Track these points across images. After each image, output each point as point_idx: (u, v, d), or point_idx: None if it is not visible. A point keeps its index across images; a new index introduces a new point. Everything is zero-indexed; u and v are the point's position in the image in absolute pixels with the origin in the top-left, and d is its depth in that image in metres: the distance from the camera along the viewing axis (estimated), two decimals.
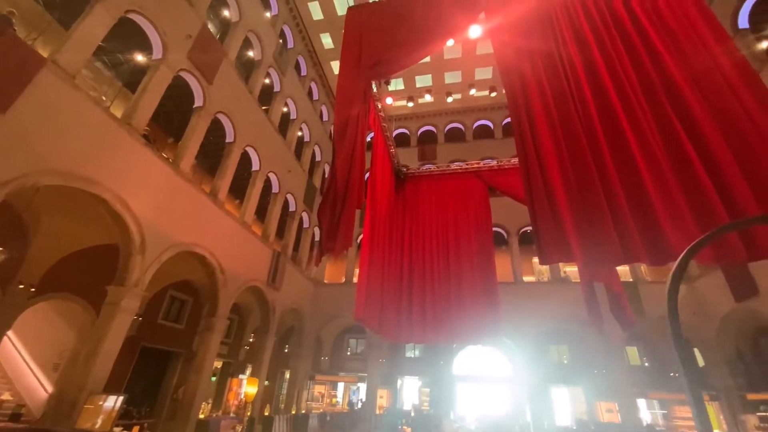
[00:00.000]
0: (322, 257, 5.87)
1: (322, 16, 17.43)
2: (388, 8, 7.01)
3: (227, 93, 11.59)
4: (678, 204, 4.30)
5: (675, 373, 15.87)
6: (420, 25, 7.19)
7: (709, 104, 4.96)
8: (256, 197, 13.48)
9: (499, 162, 12.31)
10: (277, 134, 14.86)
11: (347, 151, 6.23)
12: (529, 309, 15.36)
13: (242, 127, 12.33)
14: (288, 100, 16.16)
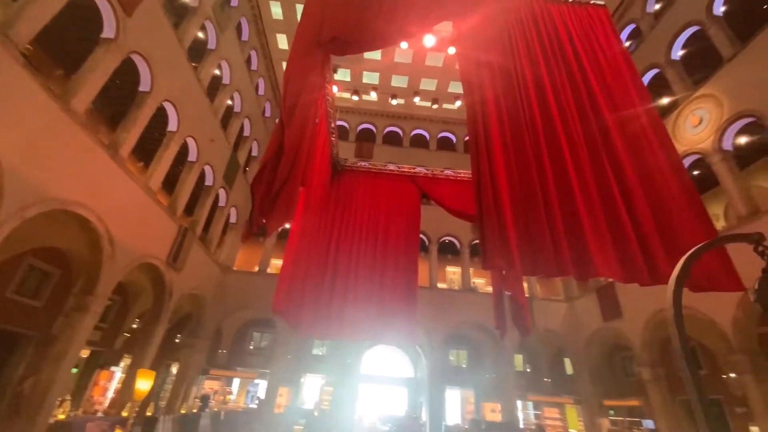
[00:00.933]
0: (252, 233, 5.17)
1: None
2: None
3: (149, 33, 9.77)
4: (603, 233, 4.81)
5: (547, 379, 18.26)
6: (388, 12, 6.95)
7: (632, 152, 5.69)
8: (168, 162, 11.64)
9: (433, 171, 12.70)
10: (205, 97, 13.10)
11: (298, 124, 5.63)
12: (439, 314, 16.13)
13: (163, 77, 10.52)
14: (223, 62, 14.41)
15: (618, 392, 15.93)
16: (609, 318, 14.12)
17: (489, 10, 7.29)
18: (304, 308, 8.80)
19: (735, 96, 10.60)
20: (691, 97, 11.93)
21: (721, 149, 10.87)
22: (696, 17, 12.22)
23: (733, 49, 10.77)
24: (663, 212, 5.08)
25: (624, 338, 13.83)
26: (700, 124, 11.39)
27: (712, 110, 11.20)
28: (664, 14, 13.69)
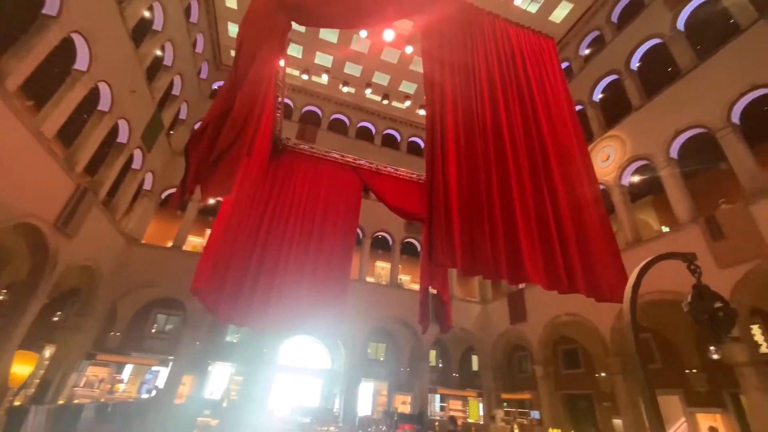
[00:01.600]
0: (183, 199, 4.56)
1: None
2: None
3: None
4: (535, 246, 5.24)
5: (456, 374, 19.67)
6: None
7: (564, 178, 6.30)
8: (69, 107, 9.74)
9: (378, 165, 12.70)
10: (129, 39, 11.23)
11: (251, 87, 5.10)
12: (365, 308, 16.26)
13: (75, 2, 8.75)
14: (156, 4, 12.52)
15: (513, 387, 17.85)
16: (515, 321, 15.69)
17: (455, 19, 7.44)
18: (225, 292, 8.11)
19: (636, 140, 12.51)
20: (604, 135, 13.76)
21: (620, 184, 12.74)
22: (616, 67, 14.12)
23: (641, 100, 12.68)
24: (583, 235, 5.73)
25: (524, 339, 15.50)
26: (608, 160, 13.21)
27: (618, 150, 13.06)
28: (592, 59, 15.56)
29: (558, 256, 5.20)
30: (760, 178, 8.95)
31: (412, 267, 21.41)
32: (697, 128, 10.71)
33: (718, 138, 10.00)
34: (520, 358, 19.26)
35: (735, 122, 9.80)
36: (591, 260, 5.60)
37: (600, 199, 6.51)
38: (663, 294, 10.21)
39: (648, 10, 13.24)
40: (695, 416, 11.78)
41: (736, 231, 8.79)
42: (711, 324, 2.40)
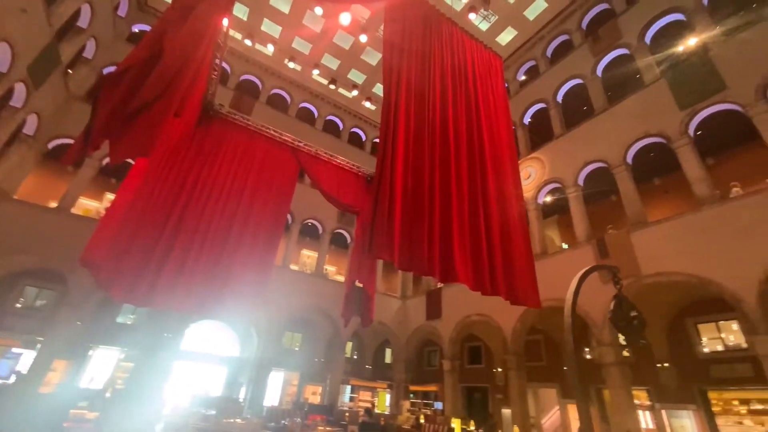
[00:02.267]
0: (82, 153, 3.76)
1: None
2: None
3: None
4: (466, 250, 5.52)
5: (369, 366, 20.11)
6: None
7: (497, 191, 6.76)
8: None
9: (318, 150, 12.27)
10: None
11: (191, 34, 4.42)
12: (286, 295, 15.65)
13: None
14: None
15: (421, 379, 18.89)
16: (431, 317, 16.57)
17: (418, 15, 7.45)
18: (126, 267, 7.05)
19: (553, 165, 14.07)
20: (528, 156, 15.20)
21: (536, 202, 14.23)
22: (545, 97, 15.69)
23: (562, 130, 14.29)
24: (508, 244, 6.21)
25: (437, 335, 16.48)
26: (529, 179, 14.64)
27: (538, 171, 14.56)
28: (527, 86, 17.07)
29: (485, 261, 5.56)
30: (641, 212, 10.75)
31: (338, 258, 21.24)
32: (600, 162, 12.44)
33: (615, 174, 11.75)
34: (430, 352, 20.47)
35: (629, 162, 11.61)
36: (511, 267, 6.10)
37: (524, 213, 7.14)
38: (555, 301, 11.64)
39: (576, 51, 14.94)
40: (567, 406, 13.77)
41: (619, 253, 10.43)
42: (627, 329, 2.75)
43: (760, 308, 7.57)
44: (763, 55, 9.10)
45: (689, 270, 8.98)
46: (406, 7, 6.89)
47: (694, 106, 10.24)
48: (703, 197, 9.44)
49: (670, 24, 12.16)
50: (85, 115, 14.18)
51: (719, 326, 11.18)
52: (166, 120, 4.56)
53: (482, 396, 17.22)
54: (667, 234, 9.74)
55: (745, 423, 9.66)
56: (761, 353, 7.40)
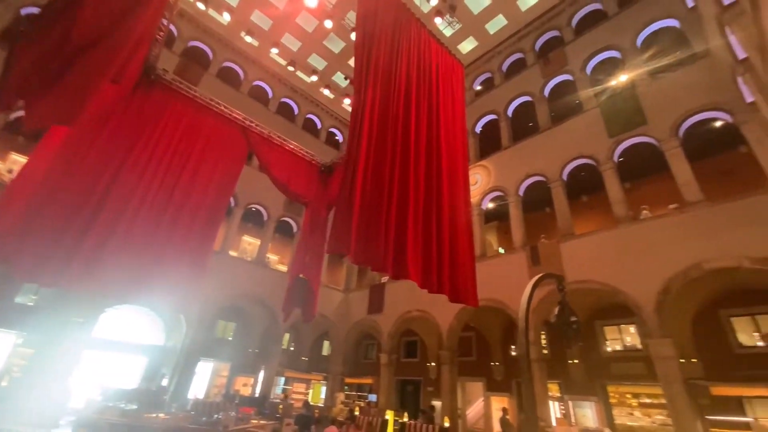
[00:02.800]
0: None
1: None
2: None
3: None
4: (418, 249, 5.68)
5: (305, 358, 19.84)
6: None
7: (450, 196, 7.02)
8: None
9: (270, 132, 11.79)
10: None
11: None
12: (223, 283, 14.80)
13: None
14: None
15: (357, 372, 19.09)
16: (373, 311, 16.79)
17: (390, 8, 7.40)
18: (34, 240, 6.13)
19: (498, 174, 14.98)
20: (476, 163, 16.00)
21: (480, 207, 15.05)
22: (496, 109, 16.61)
23: (509, 142, 15.26)
24: (455, 245, 6.50)
25: (376, 329, 16.75)
26: (476, 185, 15.42)
27: (484, 178, 15.40)
28: (481, 96, 17.92)
29: (434, 261, 5.77)
30: (570, 224, 11.91)
31: (282, 247, 20.56)
32: (540, 176, 13.52)
33: (551, 188, 12.86)
34: (367, 345, 20.75)
35: (564, 179, 12.76)
36: (456, 268, 6.40)
37: (471, 217, 7.52)
38: (489, 301, 12.47)
39: (529, 70, 16.02)
40: (490, 398, 14.87)
41: (549, 260, 11.46)
42: (567, 332, 3.03)
43: (656, 315, 8.83)
44: (679, 98, 10.54)
45: (604, 280, 10.16)
46: (379, 3, 6.82)
47: (619, 136, 11.56)
48: (619, 217, 10.72)
49: (608, 59, 13.56)
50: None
51: (620, 329, 12.82)
52: (101, 84, 4.01)
53: (414, 389, 17.90)
54: (589, 246, 10.92)
55: (635, 414, 11.26)
56: (653, 354, 8.66)
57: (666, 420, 10.22)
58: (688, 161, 10.01)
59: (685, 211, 9.41)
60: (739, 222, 8.34)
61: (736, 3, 6.69)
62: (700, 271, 8.66)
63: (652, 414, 11.01)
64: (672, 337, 8.65)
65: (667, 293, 8.96)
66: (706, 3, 8.98)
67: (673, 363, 8.45)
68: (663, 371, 8.47)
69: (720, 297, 10.23)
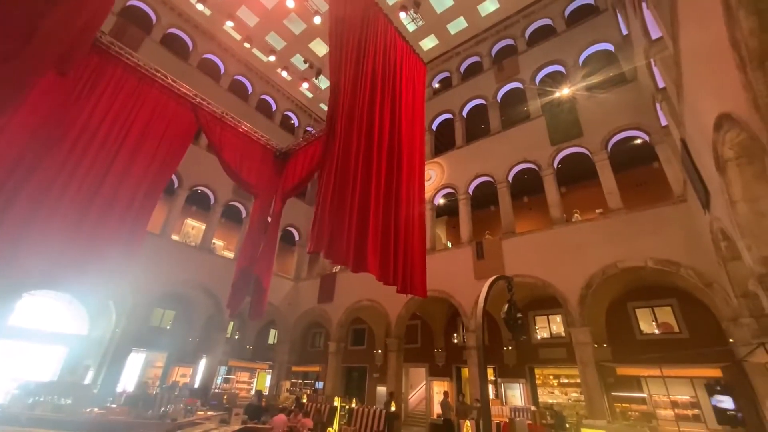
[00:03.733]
0: None
1: None
2: None
3: None
4: (377, 243, 5.90)
5: (250, 346, 19.34)
6: None
7: (407, 194, 7.29)
8: None
9: (224, 112, 11.28)
10: None
11: None
12: (162, 268, 13.85)
13: None
14: None
15: (303, 360, 19.08)
16: (323, 301, 16.82)
17: (358, 10, 7.35)
18: None
19: (451, 172, 15.69)
20: (431, 159, 16.57)
21: (432, 202, 15.68)
22: (452, 109, 17.27)
23: (462, 141, 16.00)
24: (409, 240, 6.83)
25: (325, 318, 16.84)
26: (429, 180, 16.00)
27: (438, 174, 16.03)
28: (439, 94, 18.46)
29: (391, 255, 6.04)
30: (512, 223, 12.92)
31: (229, 233, 19.66)
32: (488, 177, 14.42)
33: (498, 188, 13.80)
34: (315, 334, 20.79)
35: (509, 180, 13.76)
36: (410, 261, 6.74)
37: (424, 213, 7.90)
38: (436, 292, 13.18)
39: (484, 74, 16.83)
40: (432, 383, 15.81)
41: (492, 255, 12.38)
42: (514, 327, 3.42)
43: (579, 307, 10.04)
44: (610, 115, 11.85)
45: (538, 275, 11.26)
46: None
47: (559, 145, 12.72)
48: (554, 218, 11.88)
49: (554, 72, 14.73)
50: None
51: (549, 319, 14.30)
52: (44, 74, 3.52)
53: (359, 375, 18.37)
54: (528, 244, 11.98)
55: (555, 393, 12.77)
56: (575, 341, 9.87)
57: (579, 397, 11.74)
58: (613, 172, 11.38)
59: (608, 217, 10.72)
60: (647, 228, 9.73)
61: (661, 39, 7.70)
62: (616, 269, 9.98)
63: (569, 392, 12.57)
64: (590, 326, 9.92)
65: (589, 288, 10.21)
66: (636, 33, 10.17)
67: (588, 348, 9.71)
68: (580, 355, 9.71)
69: (628, 291, 11.86)
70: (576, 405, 11.90)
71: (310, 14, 16.07)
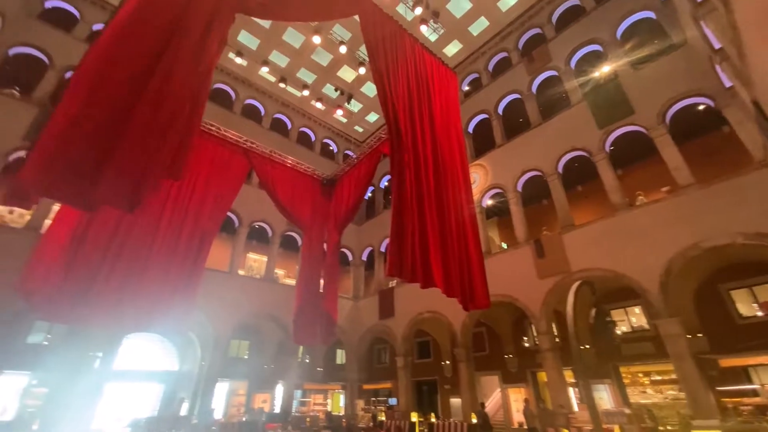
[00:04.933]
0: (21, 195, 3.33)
1: None
2: None
3: None
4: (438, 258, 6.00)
5: (320, 368, 19.97)
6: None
7: (455, 201, 7.31)
8: None
9: (272, 153, 11.98)
10: None
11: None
12: (233, 303, 14.94)
13: None
14: None
15: (372, 377, 19.30)
16: (384, 316, 17.04)
17: (388, 38, 7.67)
18: (69, 285, 6.32)
19: (495, 172, 15.38)
20: (472, 162, 16.37)
21: (480, 205, 15.42)
22: (487, 108, 17.02)
23: (502, 140, 15.67)
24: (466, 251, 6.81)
25: (389, 334, 17.00)
26: (474, 183, 15.78)
27: (482, 176, 15.79)
28: (471, 96, 18.31)
29: (452, 267, 6.09)
30: (569, 216, 12.33)
31: (287, 261, 20.71)
32: (536, 171, 13.94)
33: (548, 181, 13.28)
34: (380, 350, 20.99)
35: (559, 171, 13.19)
36: (469, 271, 6.70)
37: (476, 221, 7.84)
38: (498, 297, 12.85)
39: (515, 69, 16.47)
40: (507, 390, 15.22)
41: (552, 252, 11.86)
42: (606, 330, 3.34)
43: (661, 296, 9.25)
44: (662, 86, 11.04)
45: (606, 266, 10.57)
46: (377, 26, 7.12)
47: (608, 126, 12.03)
48: (616, 204, 11.16)
49: (591, 53, 14.06)
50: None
51: (626, 311, 13.25)
52: (159, 177, 3.98)
53: (429, 388, 18.18)
54: (590, 235, 11.34)
55: (648, 392, 11.70)
56: (663, 333, 9.07)
57: (678, 395, 10.66)
58: (676, 145, 10.50)
59: (679, 194, 9.87)
60: (729, 201, 8.81)
61: (707, 0, 7.15)
62: (698, 250, 9.11)
63: (664, 390, 11.46)
64: (678, 316, 9.07)
65: (669, 274, 9.39)
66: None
67: (681, 340, 8.86)
68: (673, 349, 8.88)
69: (718, 272, 10.72)
70: (675, 404, 10.80)
71: (335, 45, 16.89)
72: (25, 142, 12.16)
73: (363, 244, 20.65)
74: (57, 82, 13.49)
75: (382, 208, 20.88)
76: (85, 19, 15.23)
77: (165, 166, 3.85)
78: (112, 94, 3.57)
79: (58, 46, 13.87)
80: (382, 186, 21.61)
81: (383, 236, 19.25)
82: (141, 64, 3.89)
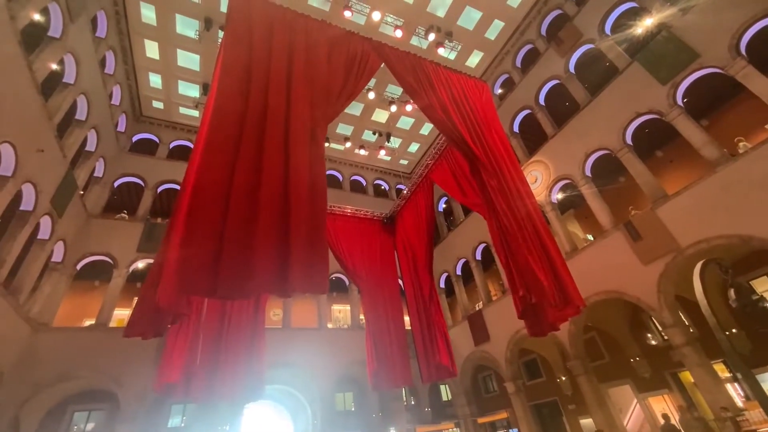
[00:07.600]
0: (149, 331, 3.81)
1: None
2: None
3: None
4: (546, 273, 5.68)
5: (428, 408, 19.23)
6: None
7: (522, 209, 6.95)
8: None
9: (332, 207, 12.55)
10: (36, 92, 9.90)
11: None
12: (329, 356, 15.38)
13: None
14: (68, 55, 11.34)
15: (484, 409, 18.00)
16: (479, 342, 16.14)
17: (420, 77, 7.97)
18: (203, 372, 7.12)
19: (556, 164, 14.41)
20: (529, 161, 15.60)
21: (550, 201, 14.41)
22: (527, 103, 16.37)
23: (553, 129, 14.80)
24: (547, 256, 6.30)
25: (489, 359, 15.95)
26: (536, 182, 14.92)
27: (543, 172, 14.88)
28: (506, 97, 17.85)
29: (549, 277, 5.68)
30: (658, 187, 10.93)
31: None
32: (602, 150, 12.78)
33: (620, 157, 12.05)
34: (484, 378, 19.69)
35: (629, 143, 11.94)
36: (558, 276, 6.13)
37: (545, 224, 7.28)
38: (599, 295, 11.53)
39: (544, 56, 15.83)
40: (647, 400, 13.07)
41: (650, 232, 10.46)
42: (753, 312, 2.83)
43: None
44: (726, 15, 9.71)
45: (727, 231, 8.97)
46: (407, 70, 7.43)
47: (674, 79, 10.75)
48: (713, 159, 9.65)
49: (625, 12, 13.03)
50: (105, 230, 14.77)
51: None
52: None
53: (551, 410, 16.37)
54: (691, 202, 9.84)
55: None
56: None
57: None
58: (764, 74, 8.96)
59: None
60: None
61: None
62: None
63: None
64: None
65: None
66: None
67: None
68: None
69: None
70: None
71: (363, 94, 17.90)
72: (139, 254, 14.48)
73: (437, 271, 20.25)
74: (152, 198, 16.21)
75: (446, 231, 20.51)
76: (163, 141, 18.26)
77: None
78: None
79: (149, 169, 16.76)
80: (440, 209, 21.40)
81: (456, 258, 18.75)
82: None
